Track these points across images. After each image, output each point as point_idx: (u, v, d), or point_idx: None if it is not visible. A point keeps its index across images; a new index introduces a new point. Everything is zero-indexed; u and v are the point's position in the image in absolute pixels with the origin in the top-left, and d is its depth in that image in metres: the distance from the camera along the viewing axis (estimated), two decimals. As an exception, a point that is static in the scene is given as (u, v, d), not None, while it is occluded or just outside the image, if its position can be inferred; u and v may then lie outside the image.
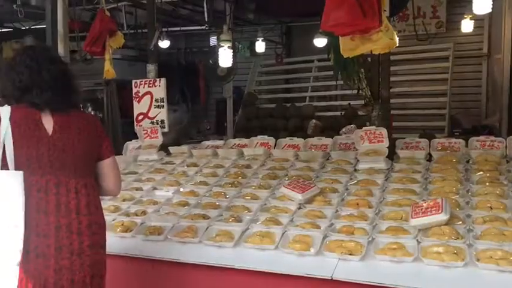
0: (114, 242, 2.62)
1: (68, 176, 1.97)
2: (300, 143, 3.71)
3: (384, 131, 3.15)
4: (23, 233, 1.86)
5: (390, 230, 2.35)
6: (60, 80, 2.03)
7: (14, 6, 4.37)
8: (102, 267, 2.08)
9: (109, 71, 3.22)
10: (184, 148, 3.94)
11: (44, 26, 5.85)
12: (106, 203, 3.02)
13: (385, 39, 2.29)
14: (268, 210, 2.71)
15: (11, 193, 1.87)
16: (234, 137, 4.82)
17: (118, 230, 2.69)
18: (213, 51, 7.00)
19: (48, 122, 1.98)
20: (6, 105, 2.00)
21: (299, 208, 2.69)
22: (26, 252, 1.88)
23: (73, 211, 1.96)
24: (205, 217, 2.70)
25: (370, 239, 2.30)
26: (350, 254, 2.22)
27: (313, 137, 4.02)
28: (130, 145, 4.04)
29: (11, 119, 1.94)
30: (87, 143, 2.04)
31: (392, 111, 3.48)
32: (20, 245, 1.85)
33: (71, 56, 3.62)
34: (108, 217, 2.81)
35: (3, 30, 6.30)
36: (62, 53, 3.34)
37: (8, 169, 1.91)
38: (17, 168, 1.91)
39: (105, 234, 2.09)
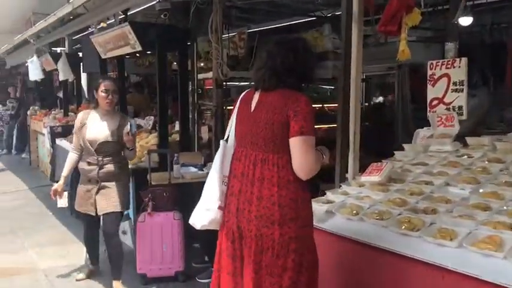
0: (398, 239, 2.39)
1: (252, 148, 2.22)
2: None
3: None
4: (218, 187, 2.30)
5: None
6: (288, 65, 2.18)
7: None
8: (275, 244, 2.13)
9: (404, 51, 2.94)
10: (484, 140, 3.36)
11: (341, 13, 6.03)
12: (392, 194, 2.82)
13: None
14: None
15: (217, 157, 2.36)
16: (553, 129, 3.88)
17: (403, 226, 2.42)
18: (527, 25, 5.85)
19: (255, 100, 2.25)
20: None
21: None
22: (226, 205, 2.30)
23: (249, 181, 2.20)
24: (513, 228, 2.17)
25: None
26: None
27: None
28: (422, 133, 3.69)
29: (240, 99, 2.34)
30: (272, 120, 2.15)
31: None
32: (214, 196, 2.30)
33: (364, 40, 3.46)
34: (393, 210, 2.61)
35: (306, 19, 6.73)
36: (355, 35, 3.23)
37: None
38: (235, 139, 2.33)
39: (279, 213, 2.13)
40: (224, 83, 5.09)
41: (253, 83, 2.34)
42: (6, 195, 8.06)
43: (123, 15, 5.51)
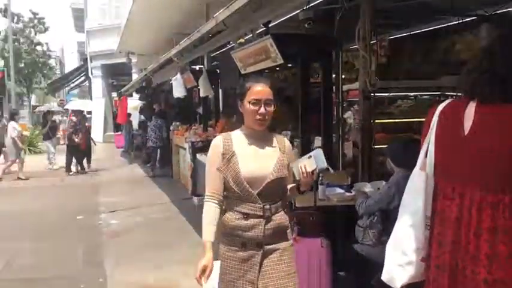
0: None
1: (475, 187, 1.62)
2: None
3: None
4: (421, 233, 1.79)
5: None
6: None
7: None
8: None
9: None
10: None
11: (509, 10, 5.18)
12: None
13: None
14: None
15: (415, 193, 1.81)
16: None
17: None
18: None
19: (469, 117, 1.66)
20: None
21: None
22: (432, 257, 1.77)
23: (471, 231, 1.62)
24: None
25: None
26: None
27: None
28: None
29: (440, 113, 1.77)
30: (510, 149, 1.54)
31: None
32: (415, 245, 1.80)
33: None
34: None
35: (460, 21, 5.96)
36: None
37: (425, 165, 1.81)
38: (434, 167, 1.77)
39: None
40: (372, 94, 4.62)
41: (461, 91, 1.77)
42: (152, 207, 8.46)
43: (264, 28, 5.35)
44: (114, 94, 25.88)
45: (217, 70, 9.77)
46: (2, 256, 5.69)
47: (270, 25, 5.51)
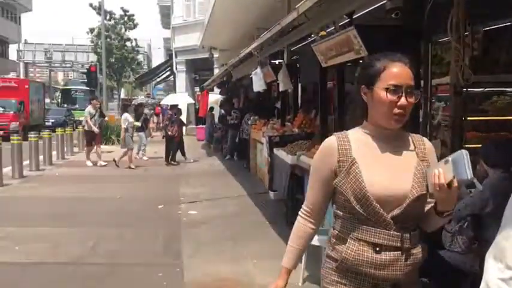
0: None
1: None
2: None
3: None
4: None
5: None
6: None
7: None
8: None
9: None
10: None
11: None
12: None
13: None
14: None
15: None
16: None
17: None
18: None
19: None
20: None
21: None
22: None
23: None
24: None
25: None
26: None
27: None
28: None
29: None
30: None
31: None
32: None
33: None
34: None
35: None
36: None
37: None
38: None
39: None
40: (464, 90, 4.27)
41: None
42: (229, 199, 8.56)
43: (347, 19, 5.15)
44: (197, 88, 26.67)
45: (297, 64, 9.65)
46: (88, 240, 6.01)
47: (354, 16, 5.30)
